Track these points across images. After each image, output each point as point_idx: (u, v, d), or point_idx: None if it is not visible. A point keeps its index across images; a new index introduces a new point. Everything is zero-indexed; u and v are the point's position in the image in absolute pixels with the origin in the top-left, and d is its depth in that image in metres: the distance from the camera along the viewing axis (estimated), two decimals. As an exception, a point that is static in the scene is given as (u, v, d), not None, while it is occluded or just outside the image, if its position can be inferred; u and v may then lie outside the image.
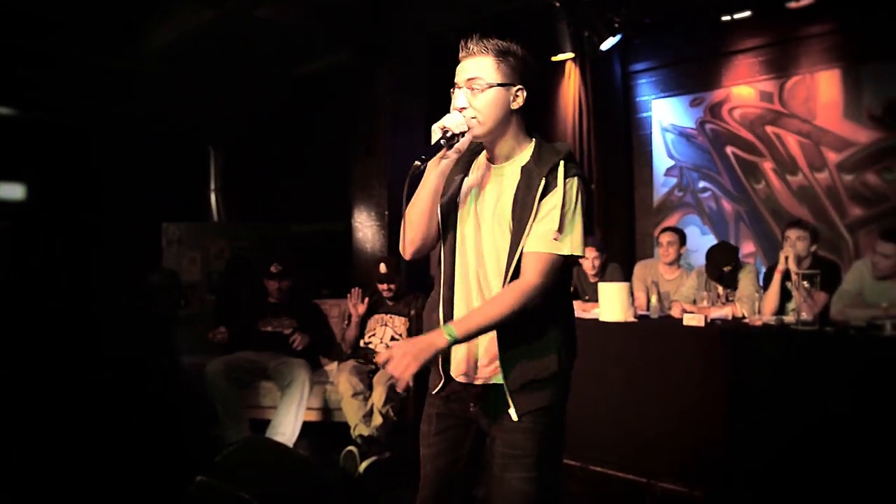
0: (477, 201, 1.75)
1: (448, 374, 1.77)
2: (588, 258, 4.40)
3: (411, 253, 1.80)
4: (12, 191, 5.98)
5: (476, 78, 1.68)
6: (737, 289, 3.80)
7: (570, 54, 5.42)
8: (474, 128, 1.68)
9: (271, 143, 6.63)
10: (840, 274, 3.67)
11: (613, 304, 3.49)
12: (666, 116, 5.98)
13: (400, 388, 1.55)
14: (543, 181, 1.64)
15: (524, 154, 1.73)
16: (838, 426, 2.76)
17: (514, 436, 1.69)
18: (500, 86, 1.68)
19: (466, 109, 1.68)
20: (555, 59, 5.48)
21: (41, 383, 3.63)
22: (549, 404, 1.70)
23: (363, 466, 3.51)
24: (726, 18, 5.09)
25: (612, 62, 6.01)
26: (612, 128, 6.02)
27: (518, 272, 1.66)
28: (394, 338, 4.06)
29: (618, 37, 5.22)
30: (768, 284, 3.57)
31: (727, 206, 5.68)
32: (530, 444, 1.68)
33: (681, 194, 5.94)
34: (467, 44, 1.70)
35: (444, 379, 1.78)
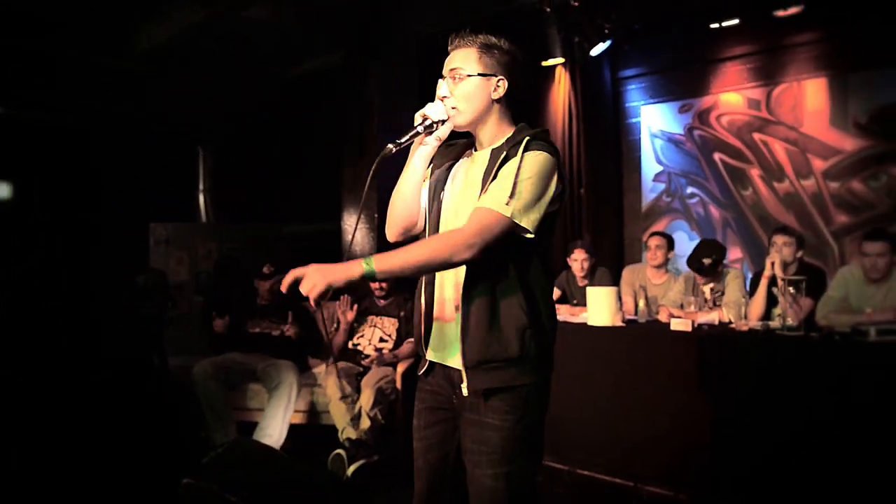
0: (454, 185, 1.80)
1: (426, 354, 1.80)
2: (577, 260, 4.43)
3: (394, 236, 1.86)
4: (12, 191, 5.95)
5: (458, 68, 1.73)
6: (720, 285, 3.87)
7: (560, 59, 5.44)
8: (454, 116, 1.73)
9: (261, 143, 6.61)
10: (826, 280, 3.71)
11: (602, 308, 3.51)
12: (655, 122, 6.02)
13: (312, 301, 1.53)
14: (505, 153, 1.67)
15: (503, 140, 1.75)
16: (823, 430, 2.79)
17: (483, 432, 1.68)
18: (481, 76, 1.71)
19: (448, 98, 1.73)
20: (545, 64, 5.50)
21: (41, 383, 3.61)
22: (501, 387, 1.66)
23: (351, 470, 3.50)
24: (715, 26, 5.13)
25: (602, 68, 6.05)
26: (601, 133, 6.05)
27: None
28: (382, 339, 4.06)
29: (608, 43, 5.24)
30: (755, 290, 3.61)
31: (715, 212, 5.72)
32: (496, 440, 1.67)
33: (669, 200, 5.98)
34: (455, 38, 1.76)
35: (426, 360, 1.81)
